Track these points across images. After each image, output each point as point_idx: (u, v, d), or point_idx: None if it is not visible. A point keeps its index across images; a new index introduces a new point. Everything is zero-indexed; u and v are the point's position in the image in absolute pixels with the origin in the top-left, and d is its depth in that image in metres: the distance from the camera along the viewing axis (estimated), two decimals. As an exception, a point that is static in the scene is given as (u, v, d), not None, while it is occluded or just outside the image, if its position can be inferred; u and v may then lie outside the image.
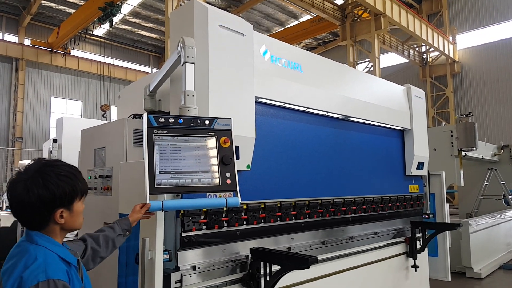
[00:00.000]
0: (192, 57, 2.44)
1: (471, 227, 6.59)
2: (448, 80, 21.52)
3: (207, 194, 2.46)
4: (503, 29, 20.12)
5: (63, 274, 1.48)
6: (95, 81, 23.07)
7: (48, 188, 1.53)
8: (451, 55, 20.96)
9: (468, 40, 21.35)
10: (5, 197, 11.89)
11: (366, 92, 4.42)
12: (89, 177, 3.48)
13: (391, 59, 22.96)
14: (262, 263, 2.86)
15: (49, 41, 20.57)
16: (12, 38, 20.79)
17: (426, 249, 5.02)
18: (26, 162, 9.33)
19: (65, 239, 1.73)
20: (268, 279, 2.84)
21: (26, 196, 1.52)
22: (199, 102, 2.51)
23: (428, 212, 5.29)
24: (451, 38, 21.22)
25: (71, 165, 1.68)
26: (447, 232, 5.65)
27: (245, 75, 2.94)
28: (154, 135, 2.16)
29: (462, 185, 7.05)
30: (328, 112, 3.87)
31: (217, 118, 2.31)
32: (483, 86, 20.54)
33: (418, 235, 4.87)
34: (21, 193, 1.52)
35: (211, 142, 2.26)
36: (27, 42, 20.89)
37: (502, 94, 19.75)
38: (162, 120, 2.19)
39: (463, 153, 7.15)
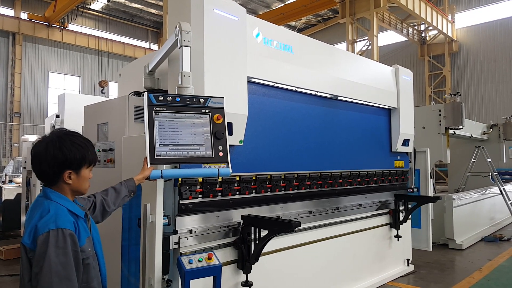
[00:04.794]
0: (188, 40, 2.66)
1: (454, 201, 6.92)
2: (445, 59, 21.59)
3: (202, 165, 2.72)
4: (502, 8, 20.05)
5: (70, 224, 1.77)
6: (93, 56, 22.99)
7: (62, 151, 1.84)
8: (450, 34, 20.94)
9: (467, 19, 21.29)
10: (6, 171, 12.13)
11: (355, 72, 4.63)
12: (92, 151, 3.71)
13: (390, 37, 22.90)
14: (252, 228, 3.17)
15: (46, 15, 20.37)
16: (8, 11, 20.57)
17: (409, 221, 5.36)
18: (29, 136, 9.50)
19: (77, 197, 2.04)
20: (257, 242, 3.15)
21: (44, 153, 1.84)
22: (195, 82, 2.74)
23: (412, 187, 5.59)
24: (450, 16, 21.14)
25: (86, 138, 1.99)
26: (430, 205, 5.99)
27: (238, 56, 3.16)
28: (154, 111, 2.41)
29: (448, 162, 7.34)
30: (318, 92, 4.10)
31: (211, 97, 2.55)
32: (480, 65, 20.65)
33: (401, 207, 5.18)
34: (41, 151, 1.85)
35: (206, 118, 2.51)
36: (24, 16, 20.68)
37: (498, 74, 19.90)
38: (161, 98, 2.43)
39: (451, 131, 7.42)
